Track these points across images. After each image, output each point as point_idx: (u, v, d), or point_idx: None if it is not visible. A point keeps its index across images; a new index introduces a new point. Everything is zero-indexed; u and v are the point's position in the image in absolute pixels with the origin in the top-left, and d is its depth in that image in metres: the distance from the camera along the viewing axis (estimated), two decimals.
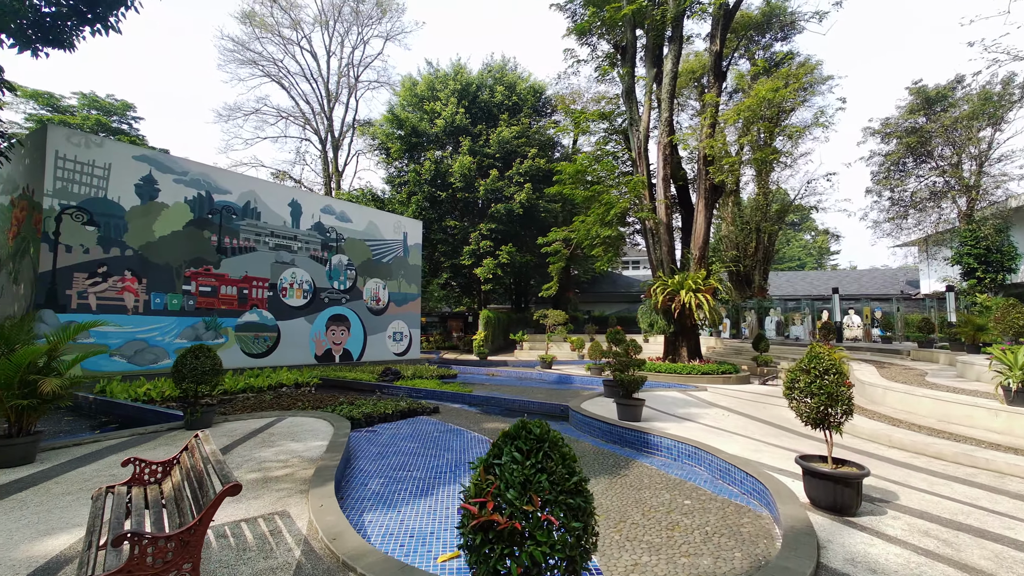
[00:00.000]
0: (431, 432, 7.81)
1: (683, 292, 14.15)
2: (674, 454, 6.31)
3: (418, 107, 25.66)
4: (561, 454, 2.05)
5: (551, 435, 2.15)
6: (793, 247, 71.53)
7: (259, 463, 4.70)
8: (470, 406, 10.66)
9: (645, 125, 15.52)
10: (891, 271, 42.09)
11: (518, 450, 2.02)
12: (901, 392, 8.82)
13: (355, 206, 18.45)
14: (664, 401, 10.29)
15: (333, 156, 34.39)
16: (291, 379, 11.64)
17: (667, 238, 15.32)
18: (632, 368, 8.07)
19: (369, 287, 18.37)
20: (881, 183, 30.75)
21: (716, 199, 15.19)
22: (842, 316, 23.36)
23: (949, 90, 26.86)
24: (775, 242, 29.30)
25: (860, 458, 6.01)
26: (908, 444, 6.64)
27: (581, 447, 7.04)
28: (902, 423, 7.88)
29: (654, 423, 7.73)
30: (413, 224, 20.87)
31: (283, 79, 33.76)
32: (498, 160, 25.09)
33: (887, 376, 10.89)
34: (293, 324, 15.25)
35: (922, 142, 27.94)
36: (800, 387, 4.26)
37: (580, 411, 8.24)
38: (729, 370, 14.52)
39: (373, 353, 18.22)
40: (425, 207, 25.85)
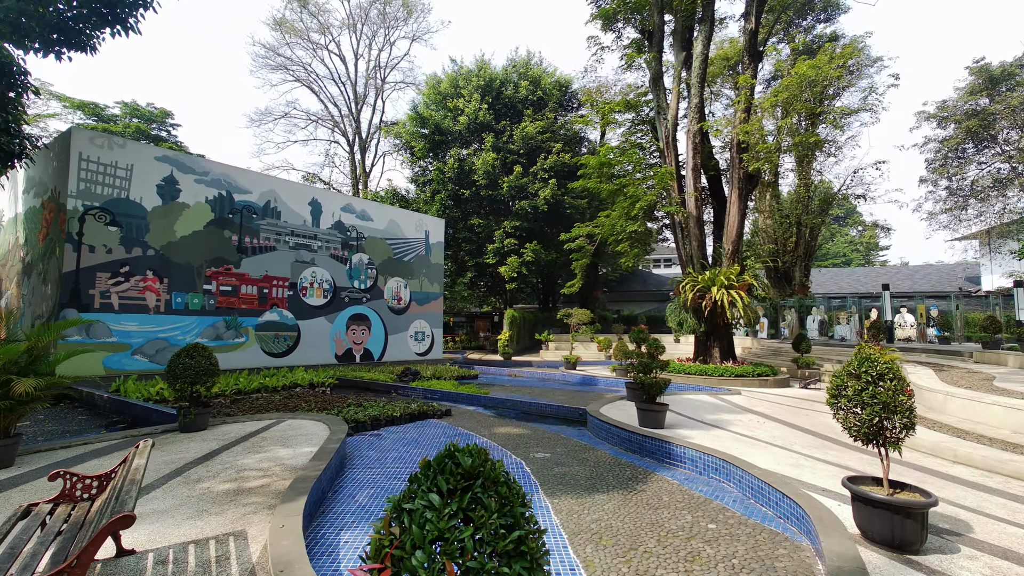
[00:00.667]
0: (438, 437, 7.39)
1: (714, 289, 13.25)
2: (699, 467, 5.64)
3: (441, 105, 25.48)
4: (500, 496, 1.43)
5: (488, 468, 1.55)
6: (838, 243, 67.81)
7: (238, 472, 4.39)
8: (485, 409, 10.21)
9: (673, 113, 14.67)
10: (948, 267, 39.12)
11: (437, 489, 1.42)
12: (966, 398, 7.79)
13: (376, 204, 18.37)
14: (692, 405, 9.52)
15: (361, 158, 34.78)
16: (306, 379, 11.52)
17: (697, 232, 14.42)
18: (655, 370, 7.40)
19: (390, 286, 18.24)
20: (937, 171, 28.46)
21: (751, 189, 14.18)
22: (893, 315, 21.61)
23: (1017, 67, 24.50)
24: (817, 237, 27.53)
25: (920, 477, 5.19)
26: (978, 460, 5.73)
27: (597, 456, 6.45)
28: (968, 434, 6.90)
29: (679, 431, 7.04)
30: (435, 222, 20.65)
31: (312, 83, 34.41)
32: (522, 156, 24.59)
33: (947, 380, 9.76)
34: (313, 324, 15.23)
35: (985, 125, 25.63)
36: (848, 395, 3.57)
37: (598, 416, 7.64)
38: (766, 372, 13.52)
39: (394, 353, 18.07)
40: (449, 205, 25.64)
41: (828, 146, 27.09)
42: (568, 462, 6.10)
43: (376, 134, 33.95)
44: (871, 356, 3.60)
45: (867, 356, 3.62)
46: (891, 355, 9.39)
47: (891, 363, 3.52)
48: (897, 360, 10.19)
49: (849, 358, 3.87)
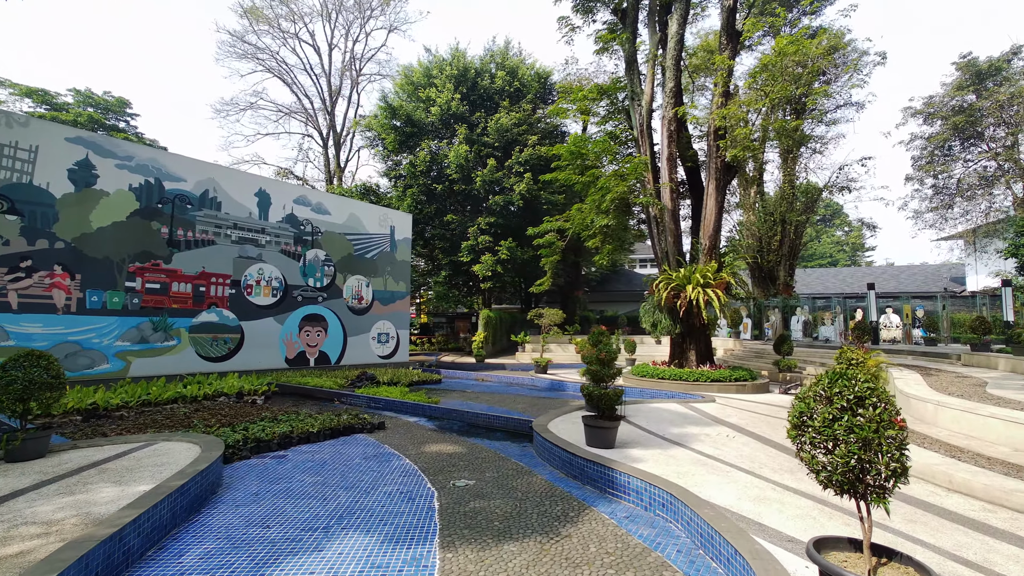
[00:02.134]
0: (353, 458, 6.31)
1: (689, 287, 12.29)
2: (645, 501, 4.62)
3: (413, 95, 24.31)
4: None
5: None
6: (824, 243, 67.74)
7: (10, 527, 3.28)
8: (428, 420, 9.14)
9: (648, 99, 13.71)
10: (933, 267, 38.80)
11: None
12: (960, 409, 6.88)
13: (334, 197, 17.21)
14: (658, 417, 8.54)
15: (335, 152, 33.51)
16: (235, 387, 10.34)
17: (673, 226, 13.47)
18: (607, 379, 6.39)
19: (350, 284, 17.08)
20: (923, 169, 27.91)
21: (729, 180, 13.26)
22: (878, 315, 20.92)
23: (1004, 62, 23.97)
24: (802, 235, 26.83)
25: (911, 514, 4.21)
26: (979, 490, 4.78)
27: (530, 483, 5.41)
28: (964, 452, 5.98)
29: (631, 450, 6.03)
30: (401, 217, 19.52)
31: (284, 74, 33.07)
32: (497, 149, 23.53)
33: (936, 387, 8.87)
34: (259, 325, 14.04)
35: (971, 122, 25.08)
36: (816, 426, 2.55)
37: (542, 433, 6.60)
38: (744, 377, 12.59)
39: (354, 356, 16.91)
40: (421, 201, 24.50)
41: (814, 142, 26.42)
42: (491, 493, 5.05)
43: (352, 128, 32.70)
44: (847, 373, 2.58)
45: (841, 373, 2.61)
46: (876, 359, 8.41)
47: (874, 382, 2.51)
48: (882, 363, 9.20)
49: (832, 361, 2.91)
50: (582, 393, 6.27)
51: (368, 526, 4.13)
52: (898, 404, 7.32)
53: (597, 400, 6.12)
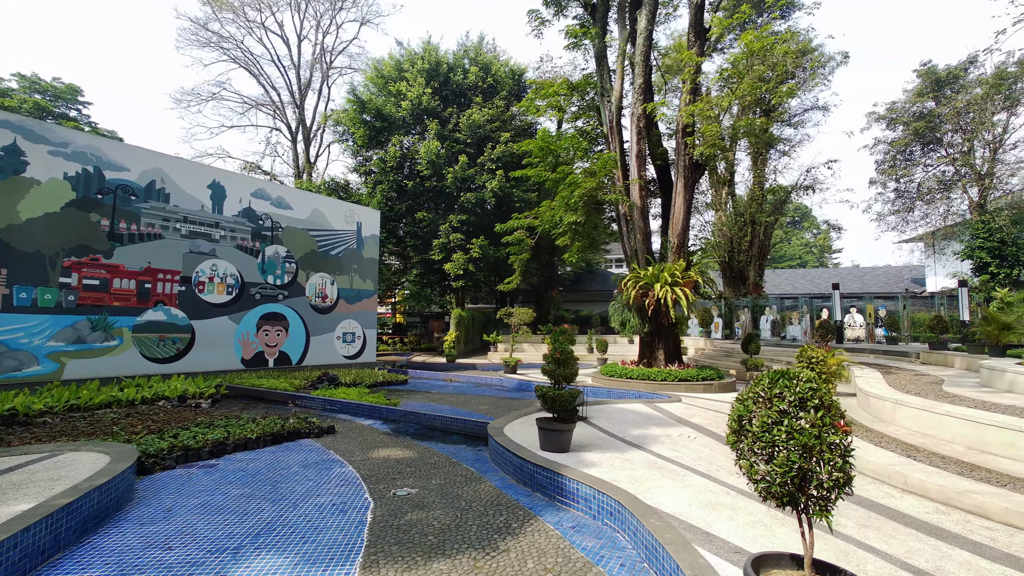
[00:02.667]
0: (291, 466, 5.87)
1: (657, 286, 12.17)
2: (593, 509, 4.35)
3: (384, 89, 23.69)
4: None
5: None
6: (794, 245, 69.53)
7: None
8: (384, 423, 8.72)
9: (618, 95, 13.56)
10: (895, 268, 40.09)
11: None
12: (917, 408, 6.86)
13: (297, 191, 16.55)
14: (620, 418, 8.32)
15: (305, 147, 32.53)
16: (178, 390, 9.70)
17: (642, 224, 13.35)
18: (562, 379, 6.11)
19: (314, 282, 16.45)
20: (886, 173, 28.72)
21: (697, 178, 13.22)
22: (843, 315, 21.35)
23: (961, 71, 24.82)
24: (771, 236, 27.30)
25: (863, 517, 4.04)
26: (933, 491, 4.68)
27: (477, 491, 5.08)
28: (920, 452, 5.92)
29: (587, 454, 5.76)
30: (369, 213, 18.95)
31: (251, 65, 31.92)
32: (469, 146, 23.13)
33: (896, 385, 8.91)
34: (213, 324, 13.32)
35: (931, 128, 25.91)
36: (755, 432, 2.30)
37: (497, 436, 6.29)
38: (711, 376, 12.55)
39: (317, 356, 16.29)
40: (392, 197, 23.91)
41: (782, 144, 26.90)
42: (433, 502, 4.70)
43: (322, 123, 31.79)
44: (789, 372, 2.34)
45: (783, 373, 2.36)
46: (838, 357, 8.37)
47: (820, 384, 2.26)
48: (844, 362, 9.18)
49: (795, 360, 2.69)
50: (536, 395, 5.97)
51: (286, 545, 3.73)
52: (859, 402, 7.26)
53: (551, 402, 5.84)
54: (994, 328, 10.65)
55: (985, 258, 21.89)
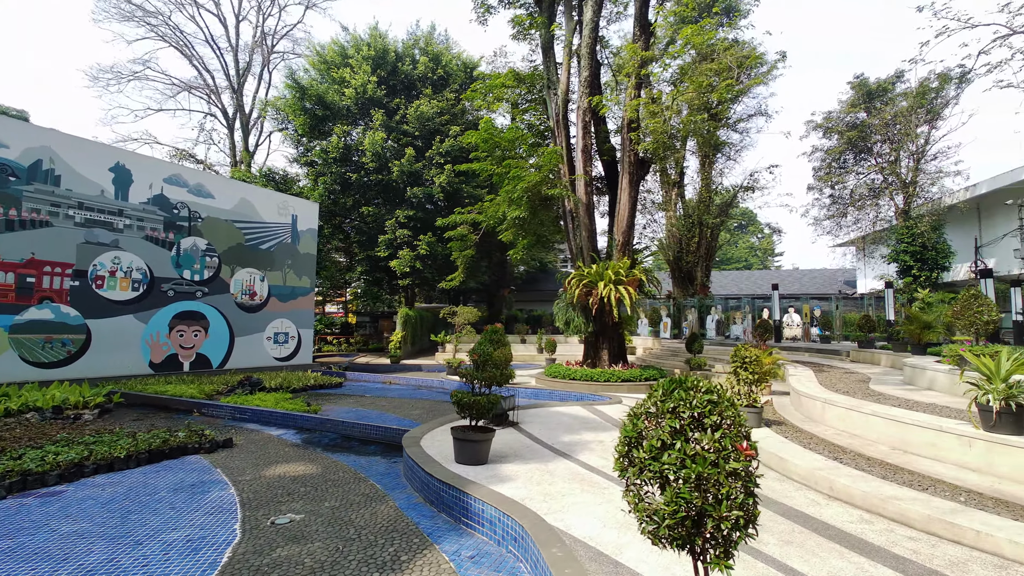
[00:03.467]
0: (158, 491, 4.99)
1: (601, 284, 11.89)
2: (498, 533, 3.82)
3: (326, 75, 22.37)
4: None
5: None
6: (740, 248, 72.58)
7: None
8: (299, 432, 7.88)
9: (564, 88, 13.20)
10: (830, 271, 42.36)
11: None
12: (844, 407, 6.80)
13: (221, 179, 15.21)
14: (555, 422, 7.88)
15: (243, 136, 30.44)
16: (55, 400, 8.40)
17: (587, 221, 13.05)
18: (480, 382, 5.56)
19: (240, 279, 15.14)
20: (822, 179, 30.15)
21: (643, 175, 13.08)
22: (782, 315, 22.13)
23: (890, 84, 26.34)
24: (718, 237, 28.05)
25: (786, 533, 3.71)
26: (857, 497, 4.46)
27: (376, 514, 4.43)
28: (846, 453, 5.79)
29: (506, 466, 5.24)
30: (306, 206, 17.74)
31: (183, 46, 29.51)
32: (417, 139, 22.23)
33: (826, 383, 8.98)
34: (114, 323, 11.88)
35: (862, 137, 27.38)
36: (642, 457, 1.80)
37: (411, 447, 5.65)
38: (654, 376, 12.41)
39: (244, 358, 15.00)
40: (335, 191, 22.65)
41: (728, 148, 27.67)
42: (316, 532, 4.02)
43: (261, 111, 29.81)
44: (687, 382, 1.85)
45: (679, 382, 1.88)
46: (773, 356, 8.24)
47: (719, 394, 1.80)
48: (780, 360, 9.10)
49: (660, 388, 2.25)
50: (451, 400, 5.38)
51: None
52: (792, 401, 7.09)
53: (467, 408, 5.26)
54: (916, 327, 11.04)
55: (908, 261, 23.27)
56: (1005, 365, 5.02)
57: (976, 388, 5.15)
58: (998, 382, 5.01)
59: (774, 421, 7.57)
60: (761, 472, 1.85)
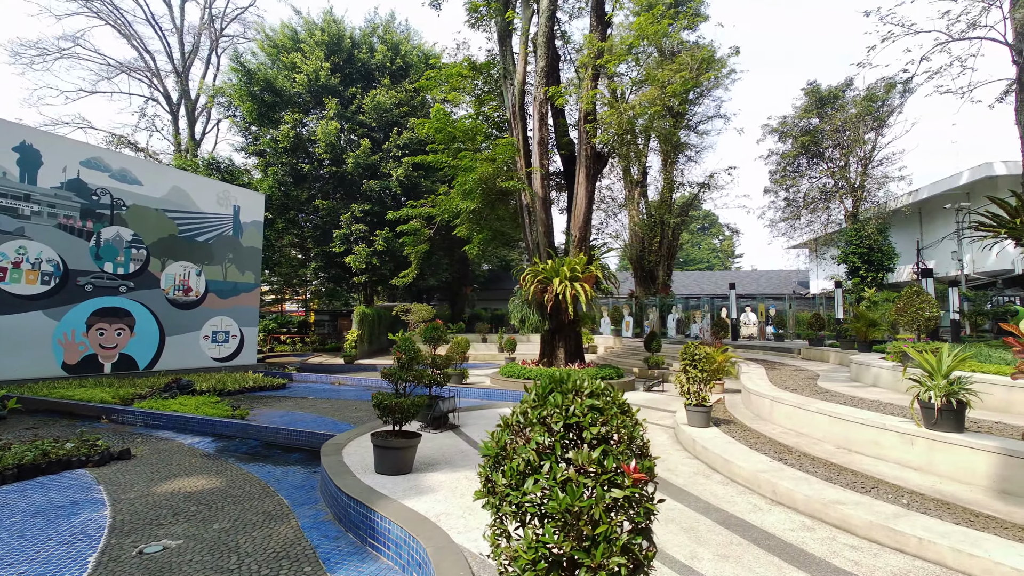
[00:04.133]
0: (16, 514, 4.23)
1: (556, 280, 11.54)
2: (404, 557, 3.32)
3: (276, 59, 21.17)
4: None
5: None
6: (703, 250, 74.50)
7: None
8: (215, 440, 7.13)
9: (520, 77, 12.79)
10: (785, 272, 43.80)
11: None
12: (792, 405, 6.65)
13: (151, 164, 14.06)
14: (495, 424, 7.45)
15: (189, 123, 28.62)
16: None
17: (544, 216, 12.68)
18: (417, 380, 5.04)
19: (172, 272, 14.00)
20: (778, 182, 31.05)
21: (600, 169, 12.82)
22: (739, 314, 22.53)
23: (840, 91, 27.31)
24: (679, 237, 28.39)
25: (725, 545, 3.36)
26: (800, 502, 4.21)
27: (270, 537, 3.85)
28: (792, 453, 5.60)
29: (431, 475, 4.74)
30: (250, 196, 16.66)
31: (121, 25, 27.47)
32: (374, 131, 21.36)
33: (777, 381, 8.91)
34: (17, 321, 10.65)
35: (815, 142, 28.32)
36: (503, 482, 1.33)
37: (329, 456, 5.08)
38: (610, 375, 12.18)
39: (177, 359, 13.87)
40: (287, 183, 21.49)
41: (689, 149, 28.06)
42: (188, 562, 3.41)
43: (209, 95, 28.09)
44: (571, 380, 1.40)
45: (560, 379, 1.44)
46: (725, 355, 8.04)
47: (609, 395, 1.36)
48: (733, 358, 8.92)
49: None
50: (372, 403, 4.84)
51: None
52: (743, 399, 6.87)
53: (388, 412, 4.73)
54: (862, 324, 11.21)
55: (856, 262, 24.13)
56: (946, 361, 4.90)
57: (918, 385, 5.03)
58: (939, 378, 4.89)
59: (724, 420, 7.38)
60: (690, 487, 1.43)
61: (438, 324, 7.14)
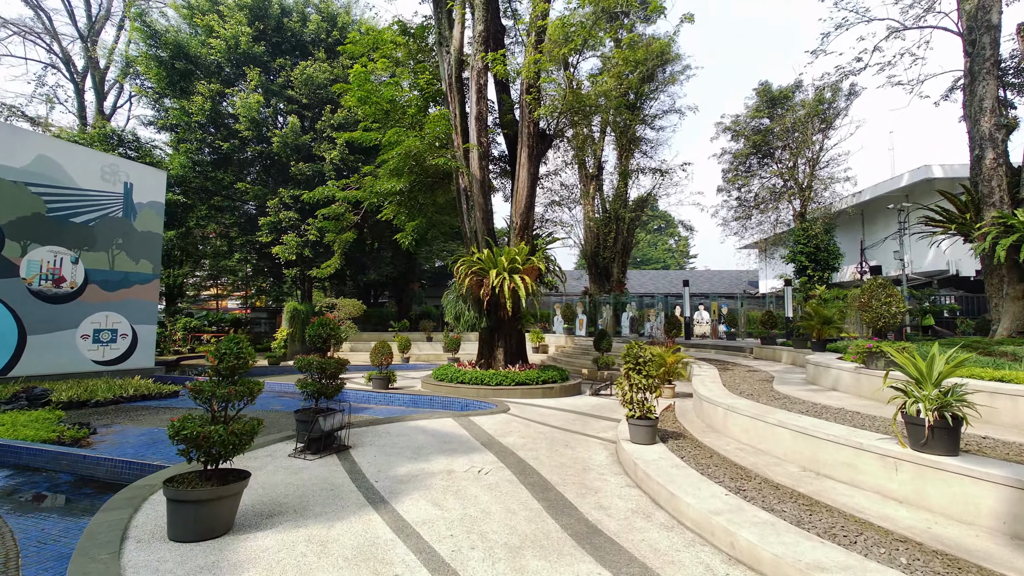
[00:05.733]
0: None
1: (493, 272, 10.23)
2: None
3: (189, 20, 18.70)
4: None
5: None
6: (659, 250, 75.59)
7: None
8: (13, 475, 5.32)
9: (457, 44, 11.37)
10: (736, 272, 44.56)
11: None
12: (749, 416, 5.61)
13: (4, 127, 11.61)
14: (407, 442, 6.04)
15: (97, 96, 25.28)
16: None
17: (482, 200, 11.33)
18: (225, 399, 3.54)
19: (37, 258, 11.66)
20: (730, 181, 31.14)
21: (544, 149, 11.62)
22: (692, 312, 22.07)
23: (790, 92, 27.53)
24: (634, 233, 27.84)
25: None
26: (767, 563, 3.04)
27: None
28: (751, 479, 4.52)
29: (257, 536, 3.27)
30: (146, 173, 14.37)
31: None
32: (306, 108, 19.29)
33: (730, 384, 7.97)
34: None
35: (766, 142, 28.49)
36: None
37: (102, 518, 3.50)
38: (554, 378, 10.98)
39: (43, 362, 11.55)
40: (204, 162, 19.07)
41: (644, 144, 27.53)
42: None
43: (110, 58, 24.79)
44: None
45: None
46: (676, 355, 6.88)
47: None
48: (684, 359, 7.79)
49: None
50: (168, 432, 3.29)
51: None
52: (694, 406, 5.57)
53: (193, 445, 3.22)
54: (816, 322, 10.56)
55: (804, 261, 24.28)
56: (938, 365, 3.92)
57: (902, 395, 4.04)
58: (929, 387, 3.91)
59: (672, 433, 6.29)
60: None
61: (328, 319, 5.66)
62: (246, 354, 3.61)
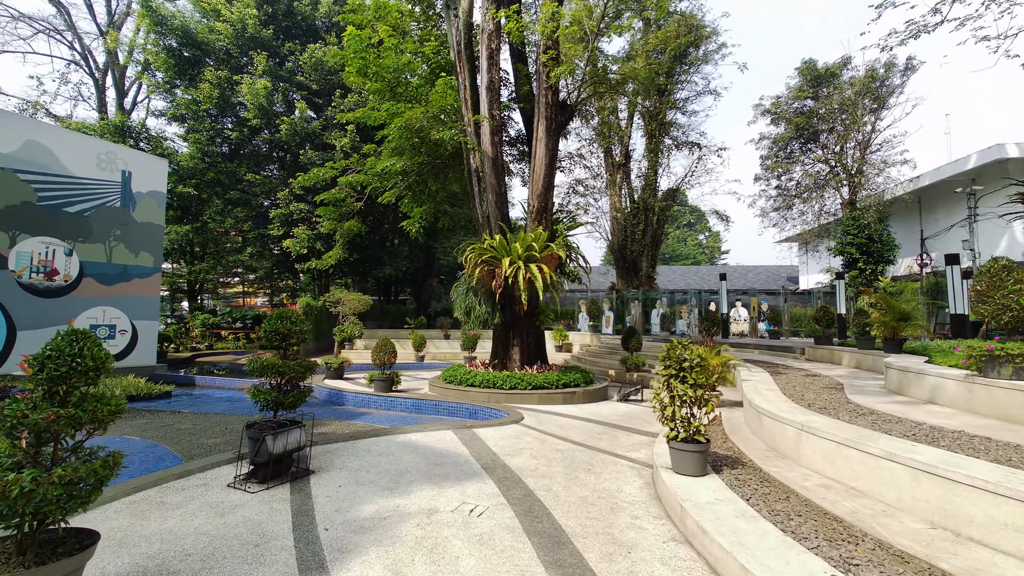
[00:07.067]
0: None
1: (506, 261, 8.95)
2: None
3: (197, 3, 18.09)
4: None
5: None
6: (689, 246, 72.83)
7: None
8: None
9: (467, 6, 10.12)
10: (773, 267, 42.02)
11: None
12: (834, 441, 4.14)
13: None
14: (386, 466, 4.84)
15: (117, 91, 25.24)
16: None
17: (495, 181, 10.06)
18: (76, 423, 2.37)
19: (27, 250, 11.07)
20: (769, 168, 28.87)
21: (565, 121, 10.25)
22: (729, 308, 20.23)
23: (838, 69, 25.15)
24: (664, 224, 26.04)
25: None
26: None
27: None
28: (857, 538, 3.08)
29: None
30: (147, 161, 13.72)
31: None
32: (316, 94, 18.46)
33: (791, 392, 6.45)
34: None
35: (810, 125, 26.18)
36: None
37: None
38: (576, 381, 9.62)
39: None
40: (213, 153, 18.48)
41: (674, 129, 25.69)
42: None
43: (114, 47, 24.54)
44: None
45: None
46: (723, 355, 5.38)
47: None
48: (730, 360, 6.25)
49: None
50: None
51: None
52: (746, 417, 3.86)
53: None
54: (891, 318, 8.83)
55: (855, 253, 22.05)
56: None
57: None
58: None
59: (725, 458, 4.87)
60: None
61: (289, 312, 4.50)
62: (75, 358, 2.43)
